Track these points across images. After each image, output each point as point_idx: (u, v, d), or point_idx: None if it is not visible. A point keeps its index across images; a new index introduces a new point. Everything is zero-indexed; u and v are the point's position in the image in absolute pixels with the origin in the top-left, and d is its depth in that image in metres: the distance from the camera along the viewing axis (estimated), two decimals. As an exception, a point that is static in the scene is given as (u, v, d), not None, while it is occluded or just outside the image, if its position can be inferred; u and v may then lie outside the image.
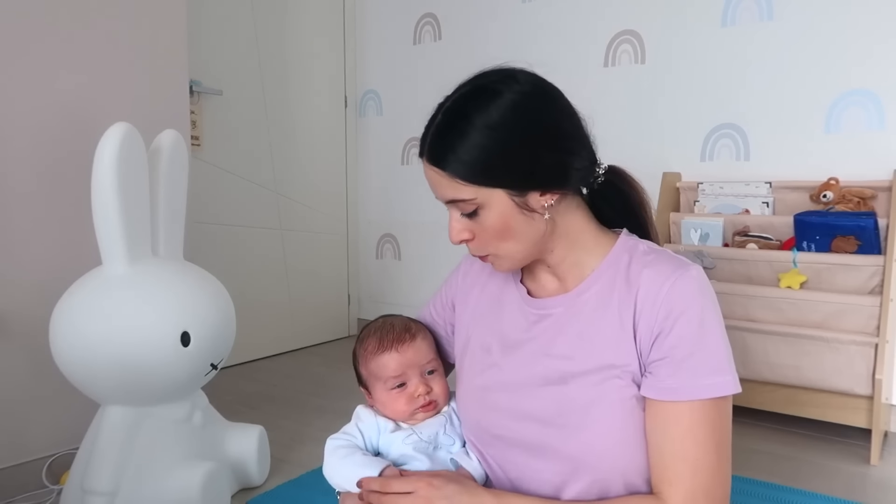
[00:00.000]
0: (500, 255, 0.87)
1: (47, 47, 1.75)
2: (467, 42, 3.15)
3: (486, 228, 0.84)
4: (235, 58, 2.87)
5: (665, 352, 0.80)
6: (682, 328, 0.79)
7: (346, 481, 0.95)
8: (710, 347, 0.79)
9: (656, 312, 0.81)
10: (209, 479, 1.52)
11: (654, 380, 0.80)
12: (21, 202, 1.71)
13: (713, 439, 0.79)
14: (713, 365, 0.79)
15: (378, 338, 1.01)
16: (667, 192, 2.48)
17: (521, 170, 0.82)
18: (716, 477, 0.79)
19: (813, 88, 2.34)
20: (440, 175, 0.83)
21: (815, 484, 1.81)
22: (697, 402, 0.78)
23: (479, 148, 0.81)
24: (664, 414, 0.79)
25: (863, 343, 1.93)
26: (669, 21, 2.62)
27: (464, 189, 0.82)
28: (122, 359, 1.42)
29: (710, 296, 0.82)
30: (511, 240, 0.85)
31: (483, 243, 0.86)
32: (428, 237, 3.34)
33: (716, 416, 0.79)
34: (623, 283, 0.85)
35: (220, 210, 2.84)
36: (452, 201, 0.84)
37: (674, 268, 0.82)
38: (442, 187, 0.84)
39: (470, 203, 0.83)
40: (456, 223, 0.86)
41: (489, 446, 0.94)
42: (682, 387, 0.78)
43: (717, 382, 0.78)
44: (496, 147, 0.81)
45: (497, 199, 0.82)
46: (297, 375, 2.82)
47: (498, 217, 0.83)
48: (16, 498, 1.66)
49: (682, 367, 0.79)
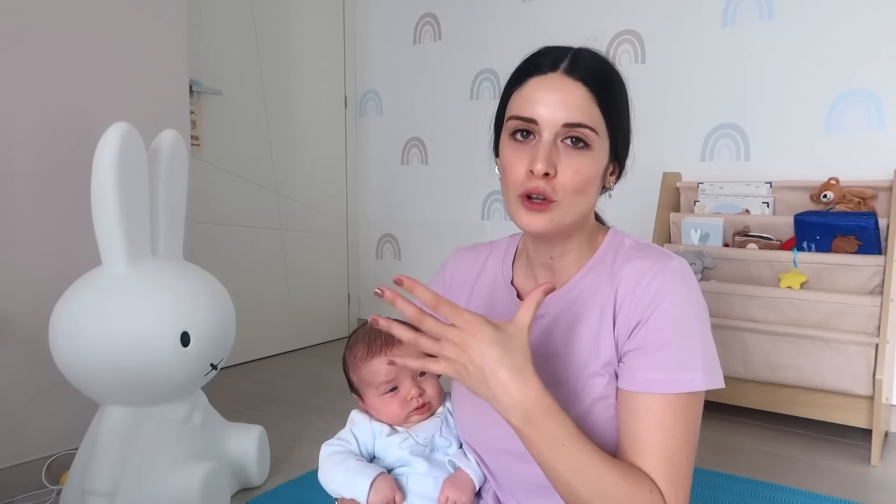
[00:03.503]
0: (560, 206, 0.80)
1: (47, 47, 1.75)
2: (467, 42, 3.15)
3: (578, 170, 0.79)
4: (235, 58, 2.87)
5: (640, 342, 0.79)
6: (660, 319, 0.79)
7: (339, 488, 0.94)
8: (686, 341, 0.78)
9: (636, 303, 0.80)
10: (209, 479, 1.52)
11: (627, 369, 0.80)
12: (21, 202, 1.71)
13: (687, 434, 0.78)
14: (688, 359, 0.78)
15: (366, 343, 0.99)
16: (667, 192, 2.48)
17: (626, 130, 0.86)
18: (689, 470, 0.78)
19: (813, 88, 2.34)
20: (578, 88, 0.79)
21: (815, 484, 1.80)
22: (670, 395, 0.77)
23: (615, 83, 0.83)
24: (635, 404, 0.78)
25: (863, 343, 1.93)
26: (669, 21, 2.62)
27: (594, 114, 0.80)
28: (122, 359, 1.42)
29: (693, 289, 0.81)
30: (583, 195, 0.81)
31: (560, 185, 0.80)
32: (428, 237, 3.35)
33: (688, 411, 0.78)
34: (607, 279, 0.85)
35: (220, 210, 2.84)
36: (573, 125, 0.79)
37: (655, 260, 0.82)
38: (573, 104, 0.79)
39: (590, 132, 0.79)
40: (549, 153, 0.79)
41: (486, 451, 0.94)
42: (655, 378, 0.77)
43: (688, 378, 0.77)
44: (622, 94, 0.85)
45: (602, 147, 0.82)
46: (297, 375, 2.82)
47: (593, 164, 0.81)
48: (16, 498, 1.66)
49: (656, 359, 0.78)
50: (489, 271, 0.99)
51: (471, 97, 3.15)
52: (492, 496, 0.95)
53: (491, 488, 0.96)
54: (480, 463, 0.95)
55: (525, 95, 0.81)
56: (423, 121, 3.33)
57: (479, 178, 3.11)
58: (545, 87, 0.80)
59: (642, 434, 0.77)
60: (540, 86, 0.80)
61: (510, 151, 0.83)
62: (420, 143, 3.35)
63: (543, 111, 0.79)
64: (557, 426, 0.73)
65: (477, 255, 1.02)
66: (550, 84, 0.80)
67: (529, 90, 0.81)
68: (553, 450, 0.73)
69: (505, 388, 0.72)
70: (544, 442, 0.73)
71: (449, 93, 3.22)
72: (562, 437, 0.73)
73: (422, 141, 3.35)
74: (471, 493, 0.95)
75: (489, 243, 1.03)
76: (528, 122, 0.80)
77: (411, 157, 3.38)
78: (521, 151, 0.81)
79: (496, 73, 3.06)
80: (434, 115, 3.29)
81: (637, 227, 2.47)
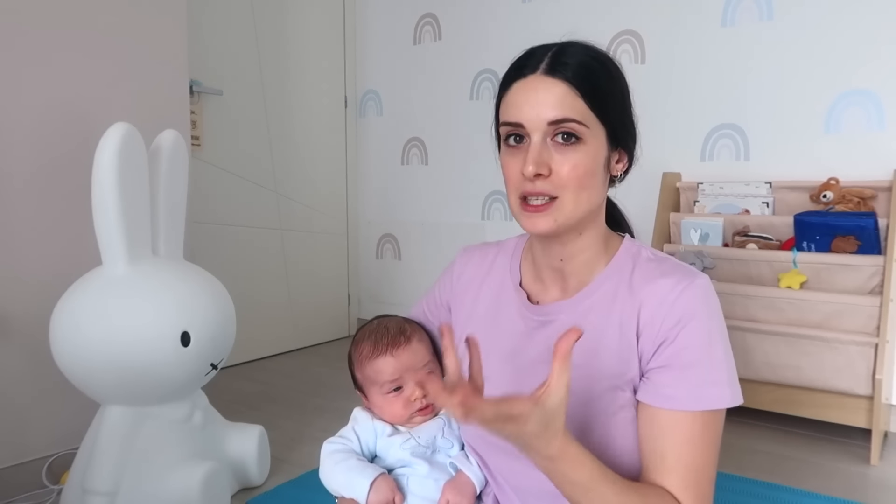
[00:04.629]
0: (564, 203, 0.80)
1: (47, 47, 1.75)
2: (467, 42, 3.15)
3: (573, 164, 0.79)
4: (235, 58, 2.87)
5: (667, 360, 0.79)
6: (688, 337, 0.79)
7: (340, 487, 0.94)
8: (713, 358, 0.79)
9: (662, 321, 0.80)
10: (209, 479, 1.52)
11: (652, 386, 0.80)
12: (21, 202, 1.71)
13: (712, 449, 0.79)
14: (714, 376, 0.78)
15: (373, 341, 0.99)
16: (667, 192, 2.48)
17: (623, 118, 0.84)
18: (712, 485, 0.79)
19: (813, 88, 2.34)
20: (558, 86, 0.79)
21: (815, 484, 1.80)
22: (698, 412, 0.77)
23: (600, 73, 0.82)
24: (661, 420, 0.79)
25: (863, 343, 1.93)
26: (669, 21, 2.62)
27: (579, 107, 0.79)
28: (122, 359, 1.42)
29: (715, 306, 0.82)
30: (585, 189, 0.81)
31: (558, 183, 0.79)
32: (428, 237, 3.35)
33: (713, 427, 0.79)
34: (626, 292, 0.84)
35: (220, 210, 2.84)
36: (558, 121, 0.78)
37: (680, 277, 0.81)
38: (554, 102, 0.79)
39: (578, 126, 0.79)
40: (539, 153, 0.79)
41: (488, 453, 0.93)
42: (683, 396, 0.78)
43: (716, 394, 0.78)
44: (612, 82, 0.83)
45: (597, 138, 0.81)
46: (297, 375, 2.82)
47: (590, 158, 0.80)
48: (16, 498, 1.66)
49: (683, 376, 0.78)
50: (497, 272, 0.98)
51: (471, 97, 3.15)
52: (493, 499, 0.95)
53: (492, 492, 0.95)
54: (483, 466, 0.95)
55: (510, 101, 0.83)
56: (423, 121, 3.33)
57: (479, 178, 3.11)
58: (526, 89, 0.81)
59: (669, 451, 0.78)
60: (522, 89, 0.81)
61: (506, 157, 0.84)
62: (420, 143, 3.35)
63: (527, 113, 0.80)
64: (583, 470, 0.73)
65: (484, 256, 1.01)
66: (531, 86, 0.81)
67: (513, 95, 0.82)
68: (581, 494, 0.74)
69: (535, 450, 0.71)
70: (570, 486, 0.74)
71: (449, 93, 3.22)
72: (587, 483, 0.73)
73: (422, 141, 3.35)
74: (471, 497, 0.94)
75: (497, 243, 1.03)
76: (516, 126, 0.81)
77: (411, 157, 3.38)
78: (515, 156, 0.82)
79: (496, 73, 3.06)
80: (434, 115, 3.29)
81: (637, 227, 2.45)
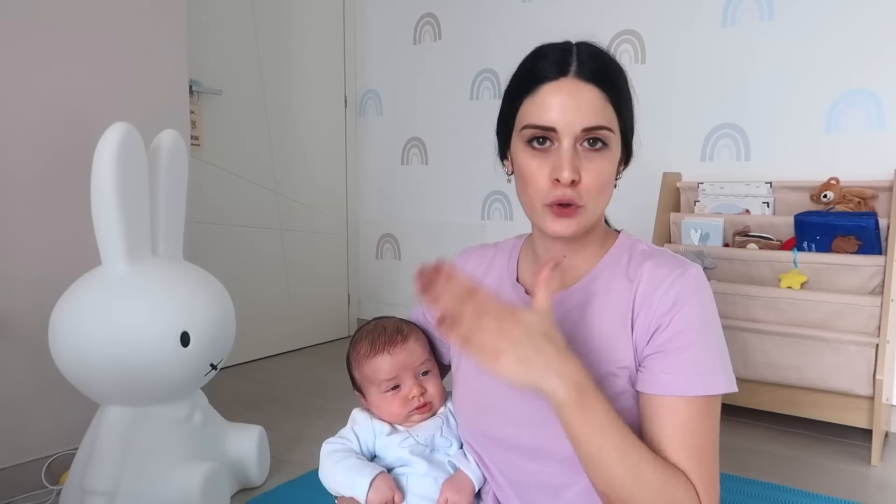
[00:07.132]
0: (588, 209, 0.81)
1: (47, 47, 1.75)
2: (467, 42, 3.15)
3: (599, 171, 0.80)
4: (235, 58, 2.87)
5: (662, 345, 0.80)
6: (680, 323, 0.79)
7: (339, 486, 0.95)
8: (707, 343, 0.80)
9: (655, 308, 0.81)
10: (209, 479, 1.51)
11: (649, 374, 0.80)
12: (21, 202, 1.71)
13: (711, 435, 0.79)
14: (709, 363, 0.79)
15: (370, 341, 1.00)
16: (667, 192, 2.48)
17: (632, 122, 0.86)
18: (716, 471, 0.79)
19: (813, 88, 2.34)
20: (591, 91, 0.79)
21: (815, 484, 1.80)
22: (694, 398, 0.78)
23: (620, 77, 0.84)
24: (660, 408, 0.79)
25: (863, 343, 1.93)
26: (669, 21, 2.62)
27: (608, 114, 0.80)
28: (121, 359, 1.41)
29: (708, 295, 0.83)
30: (604, 194, 0.83)
31: (585, 189, 0.80)
32: (428, 237, 3.34)
33: (711, 413, 0.79)
34: (622, 281, 0.85)
35: (220, 210, 2.84)
36: (592, 128, 0.79)
37: (673, 267, 0.83)
38: (591, 109, 0.79)
39: (608, 133, 0.80)
40: (573, 159, 0.79)
41: (487, 449, 0.93)
42: (679, 381, 0.78)
43: (710, 380, 0.78)
44: (627, 86, 0.85)
45: (617, 143, 0.83)
46: (297, 375, 2.82)
47: (612, 163, 0.82)
48: (15, 498, 1.66)
49: (678, 360, 0.79)
50: (495, 270, 0.99)
51: (471, 97, 3.15)
52: (491, 497, 0.95)
53: (490, 490, 0.95)
54: (481, 463, 0.95)
55: (539, 103, 0.80)
56: (423, 121, 3.33)
57: (479, 178, 3.11)
58: (559, 91, 0.79)
59: (668, 435, 0.78)
60: (554, 91, 0.80)
61: (528, 160, 0.82)
62: (420, 143, 3.35)
63: (561, 118, 0.79)
64: (604, 403, 0.73)
65: (483, 256, 1.03)
66: (564, 89, 0.79)
67: (543, 97, 0.80)
68: (600, 427, 0.72)
69: (552, 363, 0.70)
70: (594, 418, 0.72)
71: (449, 93, 3.22)
72: (608, 414, 0.73)
73: (422, 141, 3.35)
74: (470, 495, 0.95)
75: (494, 244, 1.04)
76: (547, 130, 0.80)
77: (411, 157, 3.38)
78: (541, 159, 0.81)
79: (496, 73, 3.06)
80: (434, 115, 3.29)
81: (637, 227, 2.46)
